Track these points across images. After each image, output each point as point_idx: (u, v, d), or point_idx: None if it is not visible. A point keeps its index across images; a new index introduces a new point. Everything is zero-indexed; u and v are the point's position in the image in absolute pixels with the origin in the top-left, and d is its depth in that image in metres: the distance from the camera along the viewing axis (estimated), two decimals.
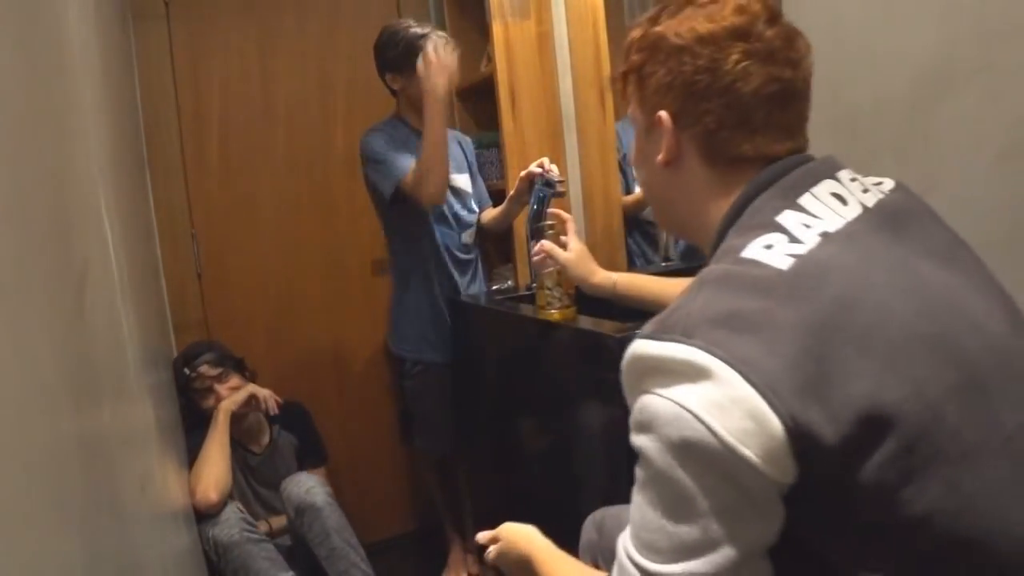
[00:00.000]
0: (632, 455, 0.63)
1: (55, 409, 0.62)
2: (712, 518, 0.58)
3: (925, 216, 0.73)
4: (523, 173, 1.91)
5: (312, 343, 2.44)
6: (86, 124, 1.04)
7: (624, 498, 0.91)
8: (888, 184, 0.76)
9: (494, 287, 2.24)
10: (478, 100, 2.40)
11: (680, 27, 0.73)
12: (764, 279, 0.61)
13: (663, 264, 2.25)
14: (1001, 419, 0.59)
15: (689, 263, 2.03)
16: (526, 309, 1.82)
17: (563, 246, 1.47)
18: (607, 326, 1.37)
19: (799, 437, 0.55)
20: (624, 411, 0.65)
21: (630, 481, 0.65)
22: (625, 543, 0.64)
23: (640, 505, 0.63)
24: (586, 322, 1.47)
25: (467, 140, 2.25)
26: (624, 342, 1.32)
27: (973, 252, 0.73)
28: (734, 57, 0.71)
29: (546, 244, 1.46)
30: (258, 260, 2.36)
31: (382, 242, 2.49)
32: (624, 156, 2.18)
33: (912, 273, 0.64)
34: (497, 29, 2.13)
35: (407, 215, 2.00)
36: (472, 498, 2.27)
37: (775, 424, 0.55)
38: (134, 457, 1.03)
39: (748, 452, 0.55)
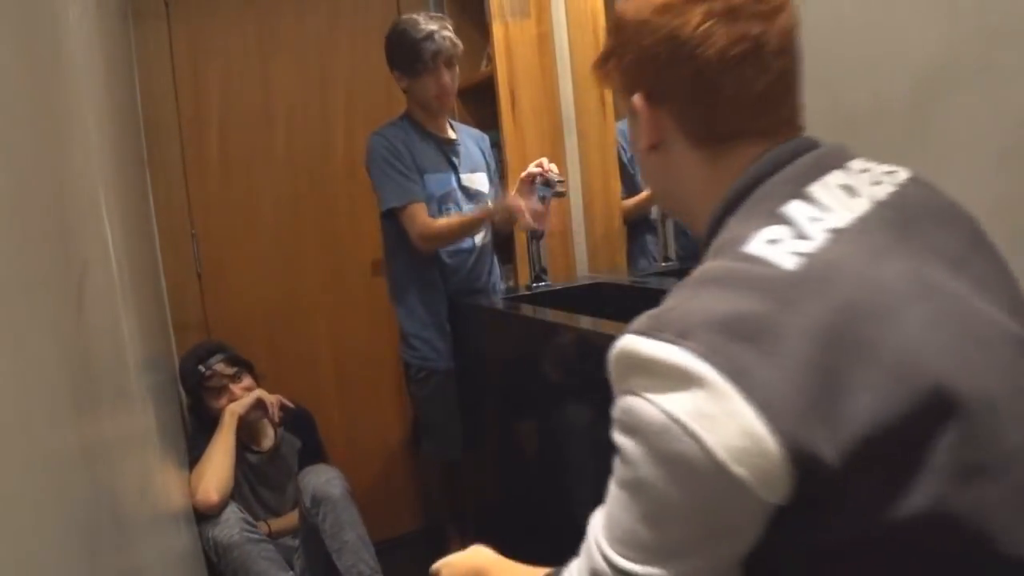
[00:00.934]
0: None
1: (55, 410, 0.62)
2: (687, 531, 0.56)
3: (938, 212, 0.69)
4: (523, 174, 1.91)
5: (312, 343, 2.44)
6: (86, 124, 1.04)
7: None
8: (902, 175, 0.70)
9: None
10: (478, 100, 2.40)
11: (639, 2, 0.69)
12: (768, 279, 0.57)
13: (663, 264, 2.25)
14: (1004, 439, 0.55)
15: (685, 264, 2.04)
16: (526, 309, 1.82)
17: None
18: (608, 327, 1.37)
19: (798, 458, 0.51)
20: None
21: None
22: (596, 530, 0.63)
23: (617, 501, 0.60)
24: (587, 323, 1.47)
25: (484, 138, 2.20)
26: None
27: (989, 249, 0.70)
28: (695, 20, 0.65)
29: None
30: (258, 260, 2.36)
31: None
32: (631, 158, 2.18)
33: (923, 281, 0.59)
34: (497, 29, 2.13)
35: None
36: (474, 498, 2.27)
37: (771, 445, 0.51)
38: (135, 458, 1.03)
39: (741, 471, 0.52)
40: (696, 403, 0.53)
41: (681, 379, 0.54)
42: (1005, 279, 0.68)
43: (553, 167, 1.89)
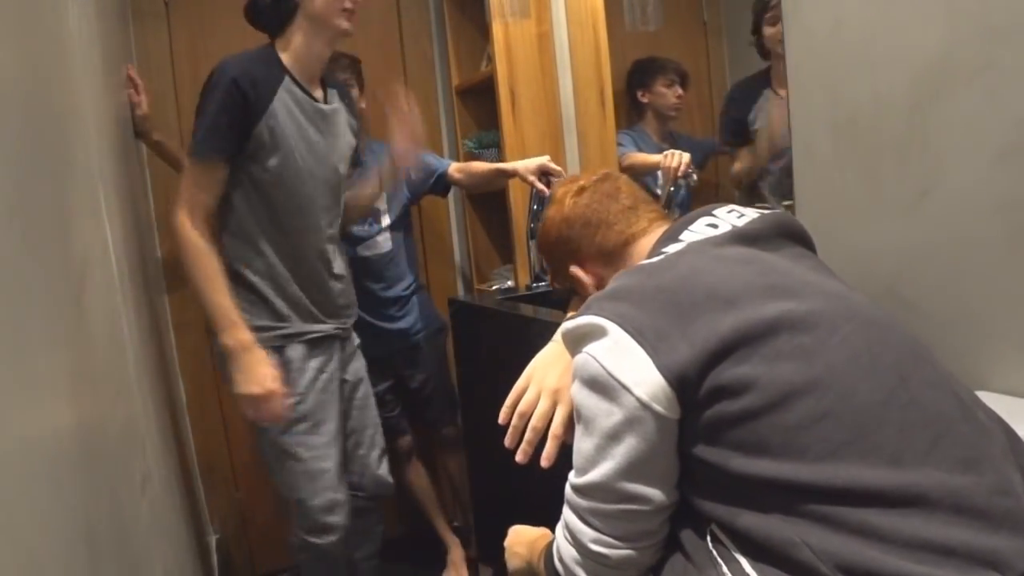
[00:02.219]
0: None
1: (56, 409, 0.62)
2: (601, 436, 0.77)
3: (781, 237, 0.91)
4: (531, 178, 1.91)
5: None
6: (86, 124, 1.04)
7: None
8: (772, 212, 0.95)
9: (494, 287, 2.24)
10: (478, 100, 2.40)
11: (549, 236, 1.08)
12: (639, 268, 0.87)
13: None
14: (835, 325, 0.75)
15: None
16: (526, 309, 1.82)
17: None
18: None
19: (665, 366, 0.73)
20: None
21: None
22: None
23: (575, 440, 0.83)
24: None
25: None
26: None
27: (815, 257, 0.93)
28: (569, 202, 1.05)
29: None
30: None
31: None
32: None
33: (755, 257, 0.84)
34: (497, 29, 2.13)
35: None
36: (474, 501, 2.27)
37: (643, 356, 0.74)
38: (134, 456, 1.03)
39: (627, 379, 0.74)
40: (601, 343, 0.77)
41: (592, 333, 0.79)
42: (826, 268, 0.92)
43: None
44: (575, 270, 1.04)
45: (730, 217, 0.93)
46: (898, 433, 0.69)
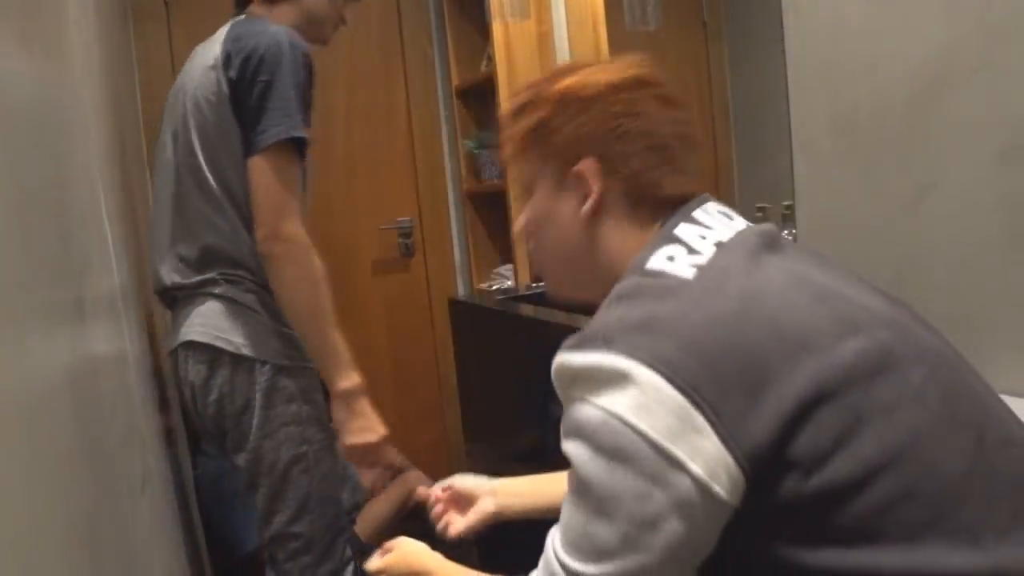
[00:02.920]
0: None
1: (56, 409, 0.62)
2: (630, 523, 0.60)
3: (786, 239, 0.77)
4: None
5: None
6: (86, 124, 1.04)
7: None
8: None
9: (494, 287, 2.24)
10: (478, 100, 2.40)
11: (586, 80, 0.76)
12: (673, 287, 0.65)
13: None
14: (908, 376, 0.61)
15: None
16: (526, 309, 1.82)
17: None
18: None
19: (733, 438, 0.57)
20: None
21: None
22: (554, 537, 0.67)
23: (569, 506, 0.65)
24: (584, 322, 1.47)
25: None
26: None
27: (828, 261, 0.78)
28: (647, 101, 0.75)
29: None
30: None
31: (382, 242, 2.49)
32: None
33: (798, 272, 0.68)
34: (497, 29, 2.13)
35: None
36: None
37: (700, 421, 0.57)
38: (134, 456, 1.03)
39: (680, 451, 0.57)
40: (629, 396, 0.58)
41: (613, 379, 0.59)
42: (855, 275, 0.75)
43: None
44: (590, 165, 0.75)
45: (733, 211, 0.77)
46: (980, 509, 0.59)
